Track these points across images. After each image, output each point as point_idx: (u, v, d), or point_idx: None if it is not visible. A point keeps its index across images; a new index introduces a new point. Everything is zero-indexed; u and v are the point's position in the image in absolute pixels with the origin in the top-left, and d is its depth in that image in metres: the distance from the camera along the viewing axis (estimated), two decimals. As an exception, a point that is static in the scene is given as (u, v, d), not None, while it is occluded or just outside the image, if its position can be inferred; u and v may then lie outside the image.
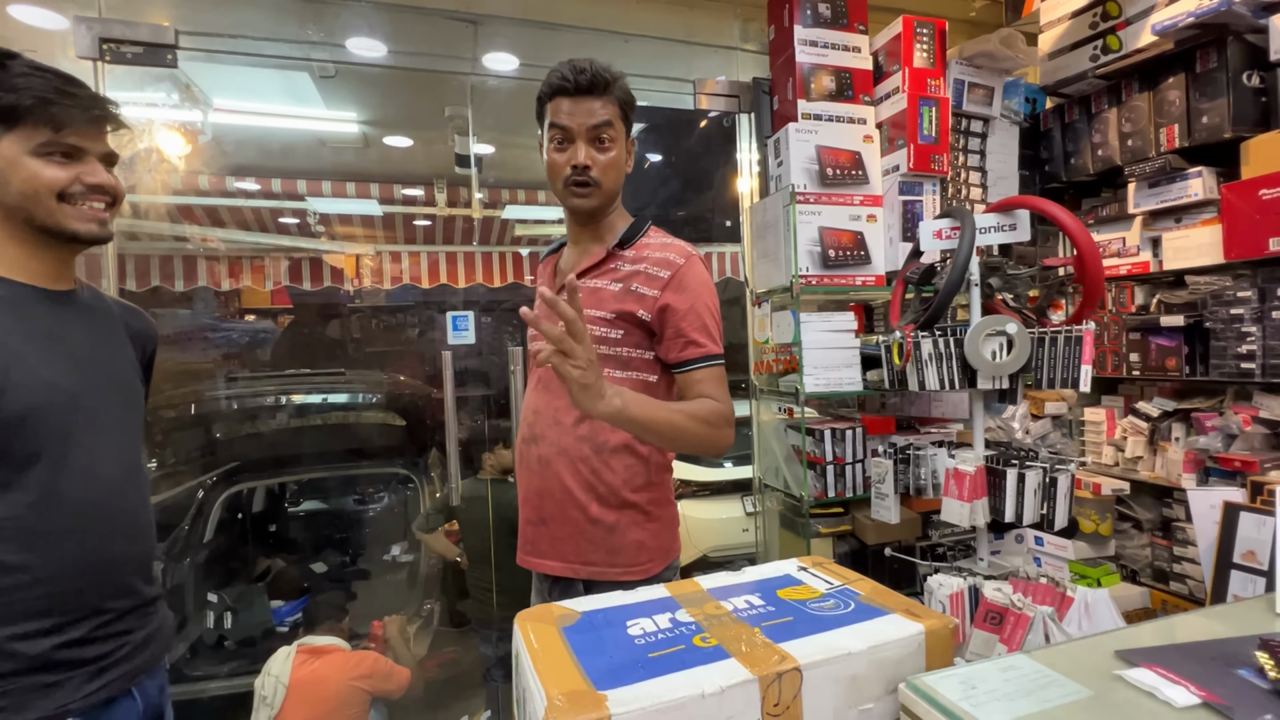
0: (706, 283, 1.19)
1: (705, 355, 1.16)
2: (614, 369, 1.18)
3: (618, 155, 1.19)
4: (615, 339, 1.18)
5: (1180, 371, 1.75)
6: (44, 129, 0.91)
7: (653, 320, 1.17)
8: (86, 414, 0.95)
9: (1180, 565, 1.78)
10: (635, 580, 1.17)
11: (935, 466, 1.60)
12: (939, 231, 1.53)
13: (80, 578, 0.91)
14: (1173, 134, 1.73)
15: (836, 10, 2.02)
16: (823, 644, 0.63)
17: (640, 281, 1.17)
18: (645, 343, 1.19)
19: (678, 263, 1.17)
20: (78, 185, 0.94)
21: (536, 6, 2.16)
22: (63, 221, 0.94)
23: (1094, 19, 1.87)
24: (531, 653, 0.64)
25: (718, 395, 1.15)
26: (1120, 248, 1.92)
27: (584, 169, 1.16)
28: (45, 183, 0.92)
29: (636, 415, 1.03)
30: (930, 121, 1.91)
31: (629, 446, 1.18)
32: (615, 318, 1.17)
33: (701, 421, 1.11)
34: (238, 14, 1.90)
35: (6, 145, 0.90)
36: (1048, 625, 1.24)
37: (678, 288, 1.16)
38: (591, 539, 1.18)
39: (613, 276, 1.20)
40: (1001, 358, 1.40)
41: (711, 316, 1.18)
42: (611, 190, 1.22)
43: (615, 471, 1.17)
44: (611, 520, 1.17)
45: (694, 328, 1.15)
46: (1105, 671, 0.61)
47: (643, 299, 1.16)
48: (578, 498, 1.18)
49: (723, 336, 1.20)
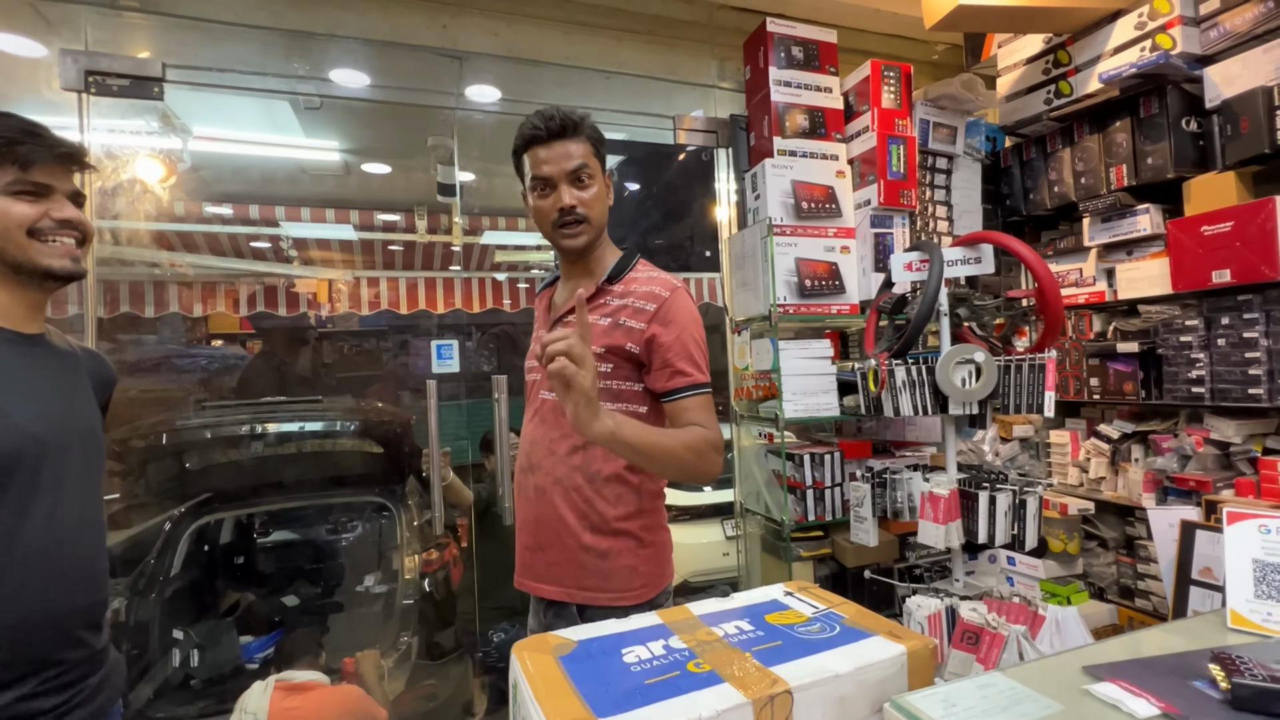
0: (692, 313, 1.23)
1: (692, 384, 1.19)
2: (605, 401, 1.20)
3: (599, 190, 1.25)
4: (605, 372, 1.22)
5: (1137, 395, 1.84)
6: (11, 168, 0.93)
7: (641, 352, 1.20)
8: (54, 462, 0.93)
9: (1144, 582, 1.86)
10: (629, 606, 1.19)
11: (911, 490, 1.65)
12: (909, 264, 1.60)
13: (36, 630, 0.89)
14: (1121, 173, 1.85)
15: (808, 53, 2.12)
16: (811, 667, 0.66)
17: (628, 315, 1.21)
18: (634, 375, 1.23)
19: (663, 295, 1.21)
20: (47, 221, 0.95)
21: (520, 45, 2.22)
22: (35, 257, 0.95)
23: (1047, 65, 2.00)
24: (531, 682, 0.65)
25: (706, 422, 1.18)
26: (1078, 278, 2.02)
27: (570, 209, 1.22)
28: (15, 219, 0.93)
29: (629, 438, 1.06)
30: (899, 158, 2.01)
31: (620, 476, 1.21)
32: (605, 351, 1.21)
33: (690, 449, 1.14)
34: (223, 47, 1.92)
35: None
36: (1021, 643, 1.29)
37: (664, 320, 1.19)
38: (585, 565, 1.21)
39: (602, 311, 1.24)
40: (971, 384, 1.47)
41: (697, 346, 1.22)
42: (599, 224, 1.27)
43: (607, 500, 1.21)
44: (604, 547, 1.20)
45: (680, 358, 1.19)
46: (1074, 686, 0.65)
47: (630, 332, 1.20)
48: (571, 525, 1.21)
49: (708, 364, 1.23)
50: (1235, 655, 0.62)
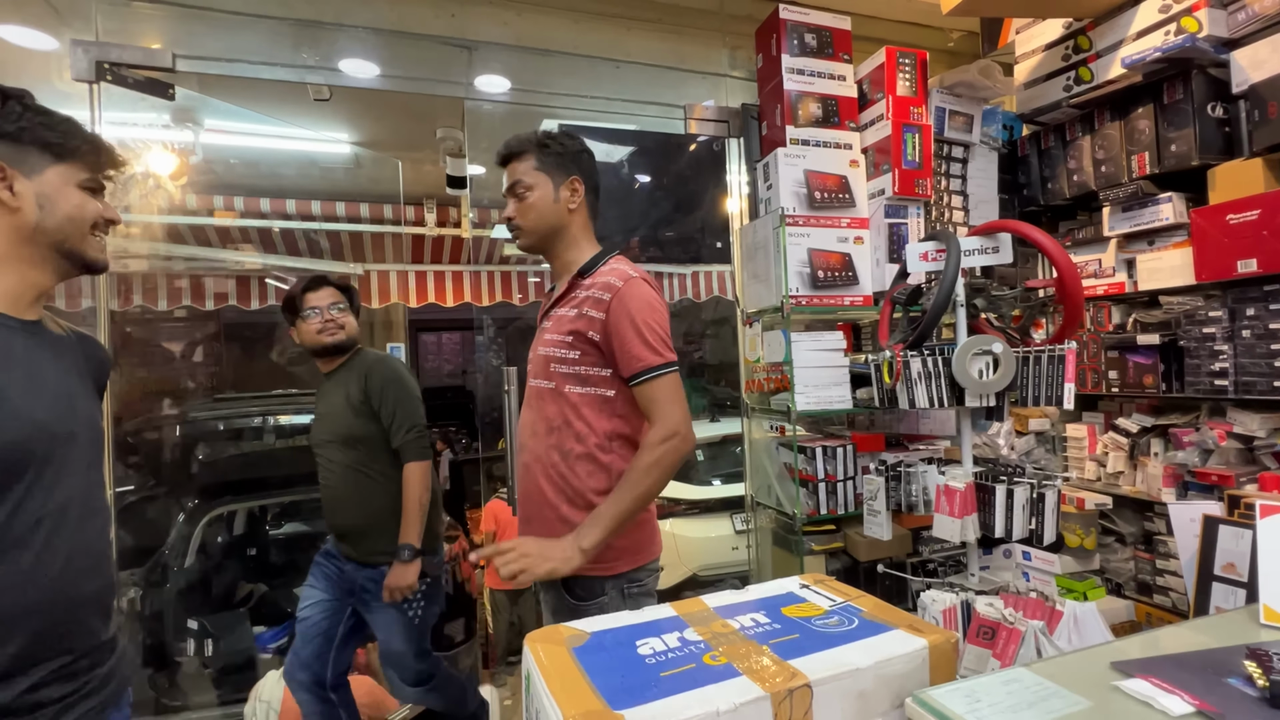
0: (645, 299, 1.29)
1: (647, 367, 1.26)
2: (574, 385, 1.31)
3: (535, 199, 1.36)
4: (574, 359, 1.31)
5: (1157, 388, 1.81)
6: (86, 168, 1.01)
7: (601, 341, 1.29)
8: (59, 451, 0.94)
9: (1163, 578, 1.82)
10: (605, 575, 1.28)
11: (926, 483, 1.63)
12: (925, 254, 1.57)
13: (46, 618, 0.90)
14: (1143, 161, 1.81)
15: (822, 40, 2.09)
16: (830, 660, 0.65)
17: (589, 305, 1.31)
18: (601, 361, 1.31)
19: (616, 285, 1.29)
20: (101, 219, 1.03)
21: (530, 34, 2.20)
22: (88, 250, 1.02)
23: (1067, 51, 1.96)
24: (544, 673, 0.64)
25: (660, 414, 1.25)
26: (1097, 269, 1.98)
27: (509, 220, 1.39)
28: (91, 213, 1.01)
29: (603, 531, 1.20)
30: (914, 147, 1.98)
31: (590, 455, 1.30)
32: (572, 338, 1.31)
33: (647, 471, 1.22)
34: (234, 37, 1.91)
35: (54, 174, 0.98)
36: (1039, 639, 1.27)
37: (618, 309, 1.27)
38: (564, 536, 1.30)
39: (571, 303, 1.35)
40: (988, 376, 1.44)
41: (650, 330, 1.27)
42: (534, 228, 1.38)
43: (580, 476, 1.30)
44: (579, 520, 1.27)
45: (636, 342, 1.26)
46: (1103, 683, 0.63)
47: (591, 321, 1.29)
48: (550, 499, 1.32)
49: (667, 345, 1.29)
50: (1272, 651, 0.60)
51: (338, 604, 1.91)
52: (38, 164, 0.96)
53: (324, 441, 1.90)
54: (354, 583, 1.88)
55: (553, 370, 1.33)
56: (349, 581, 1.89)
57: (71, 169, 0.99)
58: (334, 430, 1.87)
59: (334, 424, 1.88)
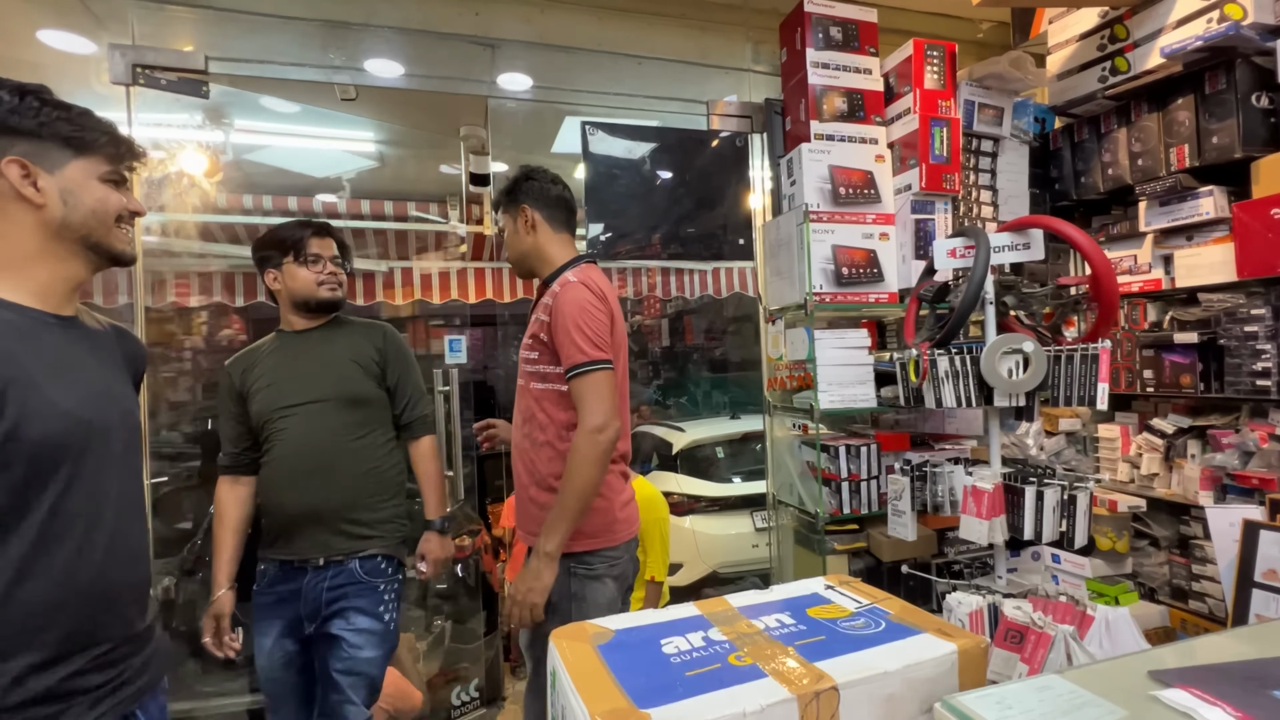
0: (577, 303, 1.41)
1: (574, 364, 1.38)
2: (537, 382, 1.48)
3: (508, 236, 1.59)
4: (534, 358, 1.49)
5: (1195, 388, 1.75)
6: (107, 160, 1.01)
7: (549, 341, 1.43)
8: (98, 444, 0.95)
9: (1199, 583, 1.77)
10: (568, 553, 1.40)
11: (952, 484, 1.60)
12: (953, 250, 1.55)
13: (84, 609, 0.91)
14: (1183, 153, 1.75)
15: (848, 33, 2.06)
16: (858, 663, 0.64)
17: (541, 310, 1.48)
18: (554, 359, 1.45)
19: (556, 291, 1.44)
20: (125, 211, 1.04)
21: (553, 31, 2.20)
22: (114, 243, 1.02)
23: (1102, 41, 1.90)
24: (571, 671, 0.65)
25: (587, 407, 1.37)
26: (1132, 265, 1.93)
27: None
28: (114, 206, 1.01)
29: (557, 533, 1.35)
30: (942, 141, 1.94)
31: (549, 444, 1.46)
32: (532, 340, 1.49)
33: (578, 467, 1.35)
34: (263, 39, 1.95)
35: (76, 169, 0.97)
36: (1069, 644, 1.24)
37: (556, 311, 1.41)
38: (533, 515, 1.48)
39: (535, 309, 1.53)
40: (1018, 375, 1.41)
41: (580, 330, 1.38)
42: (514, 258, 1.60)
43: (543, 462, 1.47)
44: (544, 500, 1.45)
45: (566, 343, 1.39)
46: (1140, 692, 0.62)
47: (542, 324, 1.45)
48: (524, 480, 1.51)
49: (596, 345, 1.39)
50: (1320, 664, 0.58)
51: (297, 644, 1.60)
52: (59, 159, 0.96)
53: (311, 402, 1.59)
54: (318, 597, 1.56)
55: (524, 369, 1.52)
56: (312, 600, 1.57)
57: (93, 162, 0.99)
58: (334, 389, 1.60)
59: (333, 382, 1.61)
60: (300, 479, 1.57)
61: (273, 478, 1.59)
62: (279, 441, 1.58)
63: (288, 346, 1.65)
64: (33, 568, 0.87)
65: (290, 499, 1.57)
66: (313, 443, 1.58)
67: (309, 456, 1.58)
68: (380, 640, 1.59)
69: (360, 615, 1.57)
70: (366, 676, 1.57)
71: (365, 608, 1.58)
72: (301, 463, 1.57)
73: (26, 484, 0.87)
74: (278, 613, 1.59)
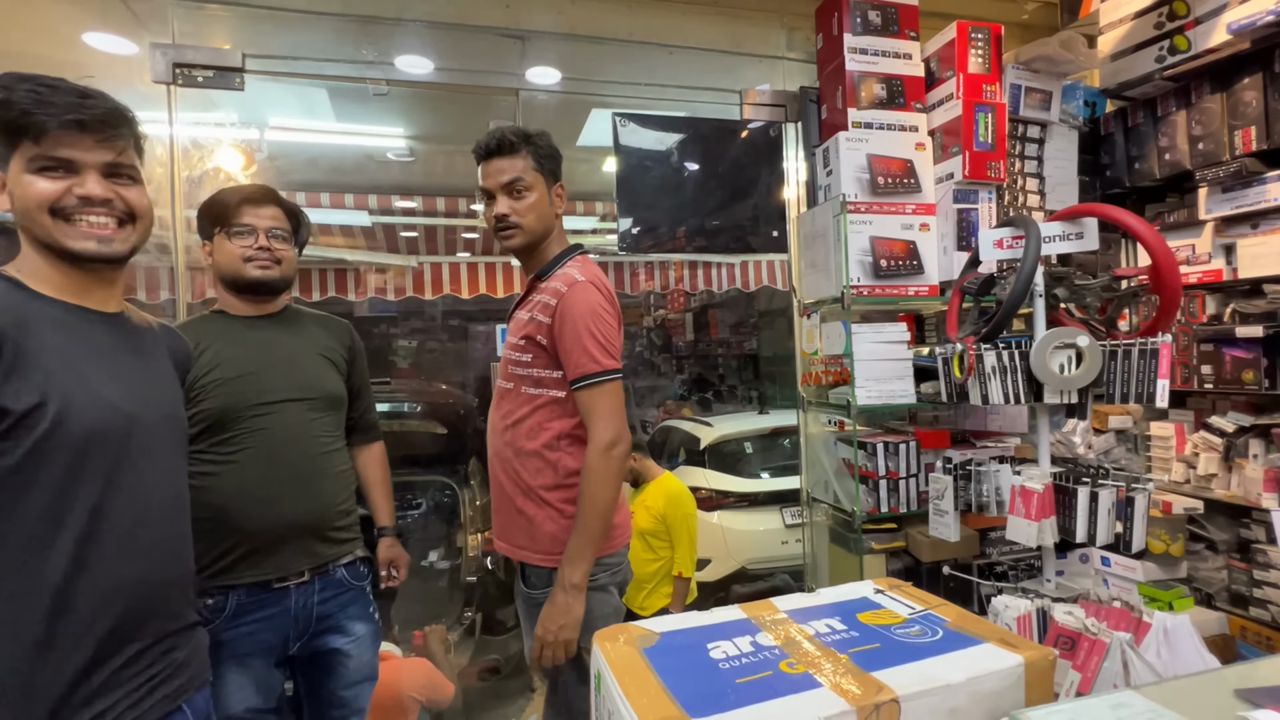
0: (588, 305, 1.28)
1: (583, 374, 1.27)
2: (528, 387, 1.34)
3: (536, 200, 1.36)
4: (526, 361, 1.34)
5: (1259, 384, 1.66)
6: (32, 144, 0.86)
7: (549, 345, 1.30)
8: (141, 438, 0.95)
9: (1261, 590, 1.69)
10: (553, 566, 1.30)
11: (998, 483, 1.54)
12: (1000, 241, 1.48)
13: (133, 602, 0.92)
14: (1249, 136, 1.66)
15: (887, 17, 1.99)
16: (919, 674, 0.61)
17: (538, 310, 1.32)
18: (553, 364, 1.32)
19: (562, 290, 1.29)
20: (69, 199, 0.88)
21: (583, 22, 2.18)
22: (60, 239, 0.88)
23: (1160, 19, 1.81)
24: (617, 675, 0.63)
25: (596, 426, 1.27)
26: (1190, 255, 1.84)
27: (503, 217, 1.35)
28: (34, 198, 0.86)
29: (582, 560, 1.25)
30: (986, 128, 1.87)
31: (538, 453, 1.33)
32: (524, 342, 1.34)
33: (598, 486, 1.25)
34: (297, 36, 1.97)
35: (13, 165, 0.88)
36: (1126, 653, 1.18)
37: (561, 315, 1.28)
38: (518, 526, 1.36)
39: (526, 306, 1.37)
40: (1070, 371, 1.35)
41: (591, 336, 1.27)
42: (533, 229, 1.37)
43: (530, 472, 1.34)
44: (531, 512, 1.33)
45: (576, 349, 1.27)
46: (1226, 712, 0.58)
47: (540, 325, 1.31)
48: (508, 490, 1.37)
49: (609, 353, 1.29)
50: None
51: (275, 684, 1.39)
52: (3, 155, 0.86)
53: (293, 399, 1.38)
54: (309, 613, 1.38)
55: (511, 371, 1.37)
56: (302, 619, 1.37)
57: (23, 150, 0.86)
58: (314, 385, 1.42)
59: (312, 378, 1.43)
60: (286, 486, 1.34)
61: (244, 486, 1.31)
62: (252, 444, 1.32)
63: (241, 333, 1.39)
64: (86, 558, 0.88)
65: (270, 510, 1.32)
66: (298, 446, 1.37)
67: (294, 460, 1.36)
68: (375, 639, 1.52)
69: (356, 622, 1.45)
70: (370, 681, 1.47)
71: (358, 613, 1.46)
72: (283, 468, 1.35)
73: (72, 477, 0.87)
74: (256, 645, 1.33)
